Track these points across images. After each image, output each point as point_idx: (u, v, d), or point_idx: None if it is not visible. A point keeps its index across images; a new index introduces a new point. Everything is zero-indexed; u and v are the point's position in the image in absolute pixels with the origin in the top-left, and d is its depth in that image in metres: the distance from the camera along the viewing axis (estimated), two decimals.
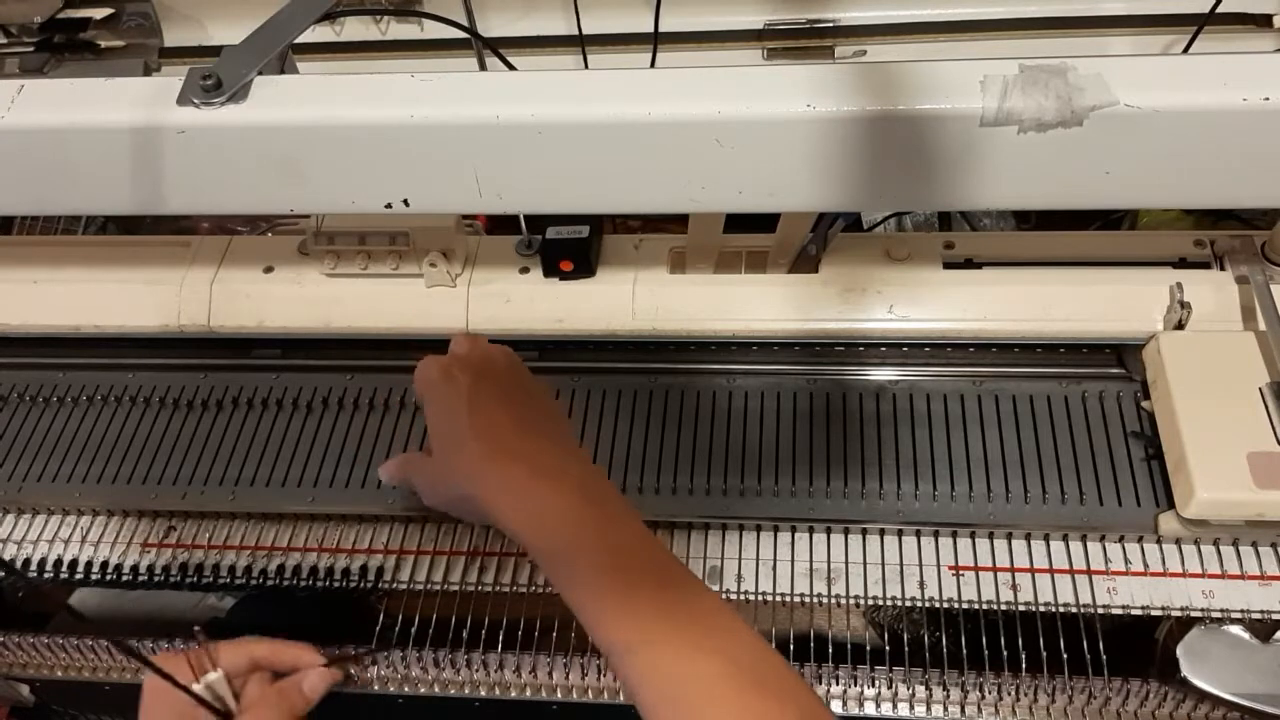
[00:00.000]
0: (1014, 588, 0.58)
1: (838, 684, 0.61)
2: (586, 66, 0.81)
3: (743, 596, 0.59)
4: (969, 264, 0.66)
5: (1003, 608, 0.58)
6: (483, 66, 0.78)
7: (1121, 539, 0.59)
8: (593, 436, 0.64)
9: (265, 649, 0.59)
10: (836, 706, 0.61)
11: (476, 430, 0.50)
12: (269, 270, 0.71)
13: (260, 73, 0.46)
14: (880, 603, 0.59)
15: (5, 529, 0.66)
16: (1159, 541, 0.59)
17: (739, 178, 0.45)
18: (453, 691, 0.63)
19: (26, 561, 0.64)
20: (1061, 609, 0.57)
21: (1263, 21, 0.76)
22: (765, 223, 0.63)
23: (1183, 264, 0.65)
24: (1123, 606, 0.57)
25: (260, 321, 0.69)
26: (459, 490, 0.51)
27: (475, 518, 0.54)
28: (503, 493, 0.49)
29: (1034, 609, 0.57)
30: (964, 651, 0.59)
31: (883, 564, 0.60)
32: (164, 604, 0.75)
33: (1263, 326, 0.59)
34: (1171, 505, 0.56)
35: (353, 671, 0.62)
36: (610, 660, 0.46)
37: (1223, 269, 0.64)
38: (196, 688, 0.55)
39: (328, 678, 0.59)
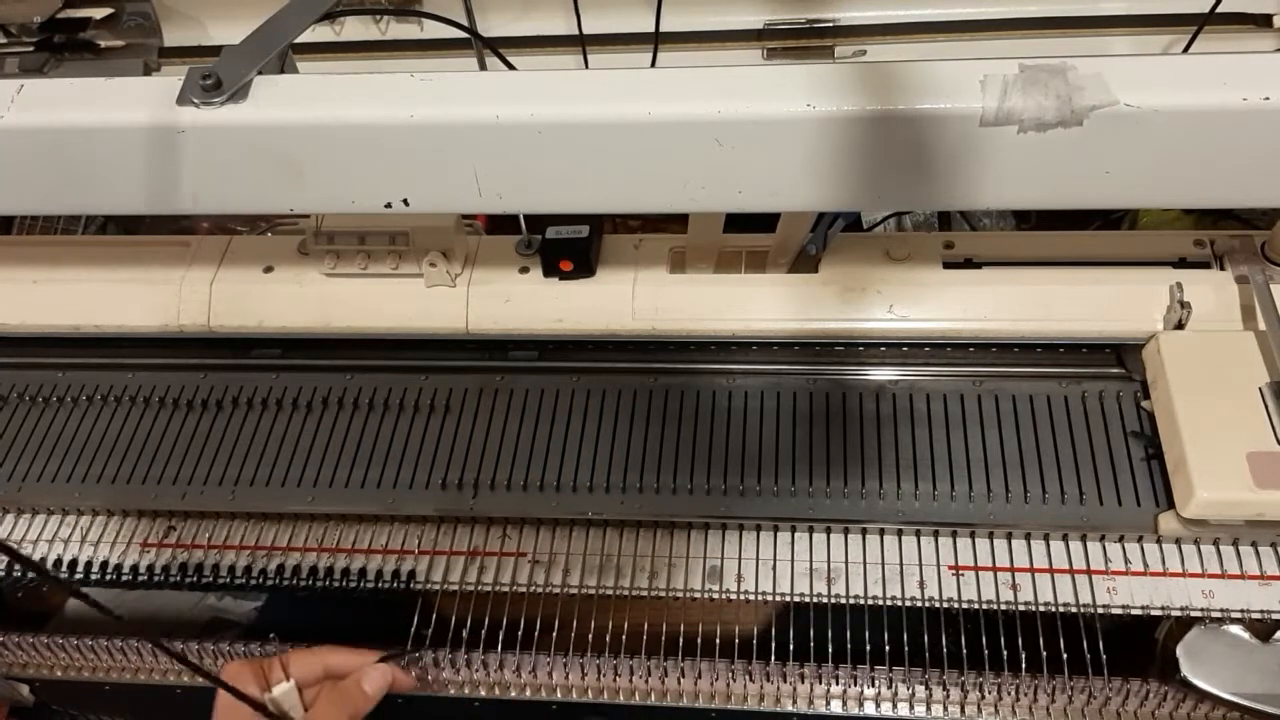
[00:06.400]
0: (1014, 588, 0.58)
1: (838, 684, 0.61)
2: (587, 66, 0.81)
3: (743, 596, 0.60)
4: (969, 264, 0.66)
5: (1003, 608, 0.58)
6: (483, 66, 0.78)
7: (1121, 539, 0.59)
8: (593, 436, 0.64)
9: (340, 658, 0.57)
10: (836, 706, 0.62)
11: None
12: (269, 270, 0.71)
13: (260, 72, 0.46)
14: (880, 603, 0.59)
15: (5, 529, 0.66)
16: (1159, 541, 0.59)
17: (739, 178, 0.45)
18: (452, 691, 0.64)
19: None
20: (1061, 609, 0.57)
21: (1263, 21, 0.76)
22: (765, 223, 0.63)
23: (1183, 264, 0.65)
24: (1123, 606, 0.57)
25: (260, 321, 0.69)
26: None
27: None
28: None
29: (1034, 609, 0.57)
30: (964, 651, 0.59)
31: (883, 564, 0.60)
32: (164, 604, 0.75)
33: (1263, 326, 0.59)
34: (1171, 505, 0.56)
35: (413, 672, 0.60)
36: None
37: (1223, 269, 0.64)
38: (267, 698, 0.53)
39: (387, 675, 0.57)
